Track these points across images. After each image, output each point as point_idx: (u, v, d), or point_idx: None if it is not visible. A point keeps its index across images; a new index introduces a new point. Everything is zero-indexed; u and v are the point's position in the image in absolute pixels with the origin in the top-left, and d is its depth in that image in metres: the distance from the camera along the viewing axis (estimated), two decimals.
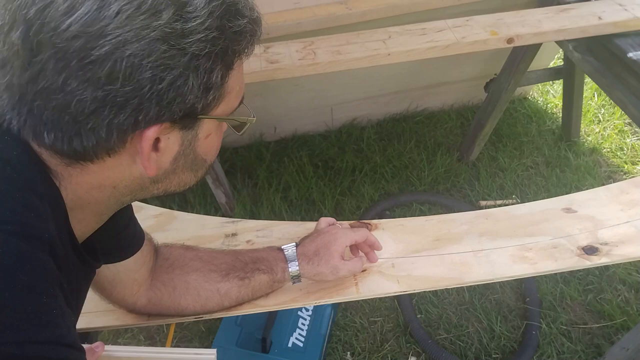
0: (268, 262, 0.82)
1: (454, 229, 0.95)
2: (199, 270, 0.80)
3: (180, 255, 0.82)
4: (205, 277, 0.80)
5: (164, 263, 0.81)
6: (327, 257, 0.80)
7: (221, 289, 0.79)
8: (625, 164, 2.27)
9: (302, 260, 0.81)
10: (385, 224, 0.97)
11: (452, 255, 0.90)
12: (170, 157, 0.52)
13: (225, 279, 0.80)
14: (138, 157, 0.49)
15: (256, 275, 0.81)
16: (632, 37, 1.60)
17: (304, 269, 0.81)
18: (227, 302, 0.81)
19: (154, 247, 0.81)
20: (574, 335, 1.63)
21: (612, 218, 0.95)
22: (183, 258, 0.82)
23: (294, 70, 1.56)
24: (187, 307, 0.80)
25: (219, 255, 0.83)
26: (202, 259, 0.82)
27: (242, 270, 0.81)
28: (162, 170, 0.52)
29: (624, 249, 0.89)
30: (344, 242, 0.82)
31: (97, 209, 0.54)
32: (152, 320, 0.86)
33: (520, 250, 0.90)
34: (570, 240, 0.91)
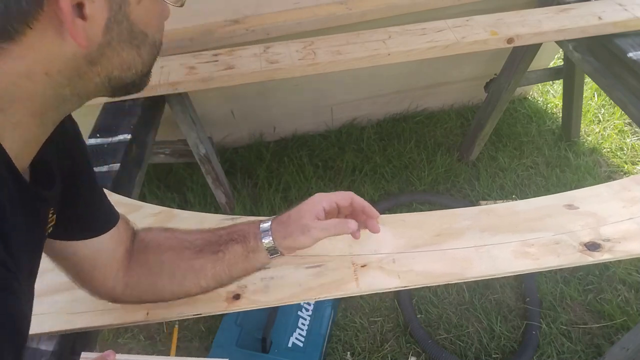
0: (242, 231, 0.77)
1: (456, 224, 0.95)
2: (173, 248, 0.77)
3: (157, 236, 0.80)
4: (179, 254, 0.76)
5: (140, 245, 0.78)
6: (297, 218, 0.75)
7: (195, 265, 0.76)
8: (625, 164, 2.27)
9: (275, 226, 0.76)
10: (386, 219, 0.97)
11: (454, 251, 0.89)
12: (101, 26, 0.46)
13: (198, 254, 0.76)
14: (64, 29, 0.44)
15: (230, 247, 0.76)
16: (632, 37, 1.60)
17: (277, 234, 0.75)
18: (204, 280, 0.76)
19: (131, 228, 0.79)
20: (574, 335, 1.63)
21: (614, 215, 0.95)
22: (158, 238, 0.79)
23: (294, 70, 1.56)
24: (164, 289, 0.77)
25: (195, 232, 0.80)
26: (177, 238, 0.79)
27: (216, 243, 0.77)
28: (95, 44, 0.47)
29: (627, 246, 0.88)
30: (318, 201, 0.77)
31: (32, 107, 0.47)
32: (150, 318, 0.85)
33: (522, 246, 0.89)
34: (573, 236, 0.91)
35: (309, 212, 0.75)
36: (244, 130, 2.41)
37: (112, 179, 1.24)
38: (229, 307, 0.86)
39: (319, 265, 0.90)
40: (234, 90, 1.76)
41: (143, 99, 1.54)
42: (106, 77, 0.50)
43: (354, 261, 0.90)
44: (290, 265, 0.91)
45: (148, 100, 1.55)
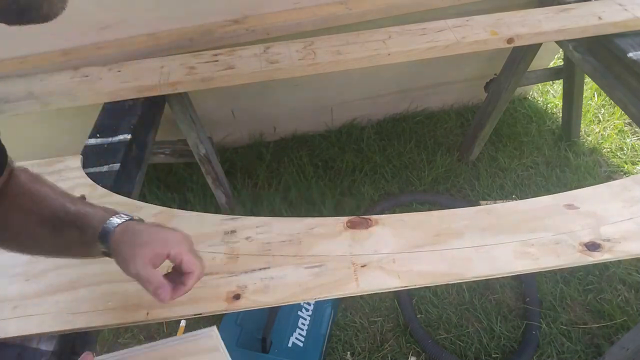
0: (86, 218, 0.74)
1: (455, 224, 0.95)
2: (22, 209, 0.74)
3: (20, 185, 0.76)
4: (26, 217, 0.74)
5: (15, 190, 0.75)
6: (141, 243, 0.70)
7: (35, 234, 0.74)
8: (625, 164, 2.26)
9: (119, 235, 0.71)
10: (386, 220, 0.97)
11: (454, 251, 0.89)
12: None
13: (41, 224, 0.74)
14: None
15: (69, 230, 0.73)
16: (632, 37, 1.60)
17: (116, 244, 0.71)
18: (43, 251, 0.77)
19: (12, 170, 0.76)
20: (574, 335, 1.63)
21: (615, 215, 0.95)
22: (19, 191, 0.76)
23: (294, 70, 1.55)
24: (9, 242, 0.76)
25: (49, 199, 0.76)
26: (32, 199, 0.75)
27: (60, 220, 0.74)
28: None
29: (627, 246, 0.88)
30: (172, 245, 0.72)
31: None
32: (150, 317, 0.85)
33: (522, 246, 0.89)
34: (573, 236, 0.91)
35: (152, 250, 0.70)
36: (244, 130, 2.41)
37: (112, 179, 1.24)
38: (229, 307, 0.86)
39: (319, 265, 0.90)
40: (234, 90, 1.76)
41: (143, 99, 1.54)
42: None
43: (353, 261, 0.90)
44: (290, 265, 0.91)
45: (148, 100, 1.55)
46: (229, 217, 1.05)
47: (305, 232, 0.98)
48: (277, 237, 0.97)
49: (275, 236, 0.98)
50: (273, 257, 0.94)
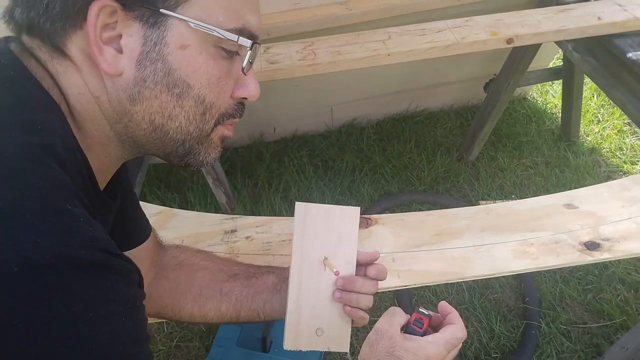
0: (280, 268, 0.78)
1: (455, 223, 0.95)
2: (207, 268, 0.78)
3: (191, 256, 0.81)
4: (213, 275, 0.78)
5: (172, 261, 0.79)
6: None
7: (224, 288, 0.76)
8: (624, 164, 2.27)
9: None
10: (386, 219, 0.97)
11: (453, 250, 0.90)
12: (134, 59, 0.47)
13: (232, 279, 0.77)
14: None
15: (263, 276, 0.77)
16: (631, 38, 1.60)
17: None
18: (225, 305, 0.76)
19: (157, 241, 0.80)
20: (574, 335, 1.63)
21: (614, 214, 0.96)
22: (194, 258, 0.80)
23: (294, 71, 1.56)
24: (184, 308, 0.77)
25: (232, 260, 0.82)
26: (214, 260, 0.80)
27: (253, 273, 0.78)
28: (129, 78, 0.48)
29: (626, 245, 0.89)
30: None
31: (98, 134, 0.51)
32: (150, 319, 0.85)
33: (522, 246, 0.90)
34: (572, 235, 0.91)
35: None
36: (244, 130, 2.42)
37: None
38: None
39: None
40: None
41: None
42: (150, 122, 0.50)
43: None
44: None
45: None
46: (229, 216, 1.06)
47: None
48: (277, 236, 0.98)
49: (275, 236, 0.98)
50: (273, 256, 0.94)
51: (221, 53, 0.50)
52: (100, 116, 0.50)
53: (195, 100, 0.50)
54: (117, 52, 0.47)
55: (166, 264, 0.79)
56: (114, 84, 0.48)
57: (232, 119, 0.55)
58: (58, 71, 0.47)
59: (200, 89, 0.50)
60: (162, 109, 0.50)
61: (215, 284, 0.77)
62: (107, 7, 0.44)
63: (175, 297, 0.77)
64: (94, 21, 0.44)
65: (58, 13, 0.45)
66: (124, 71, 0.47)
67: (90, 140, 0.50)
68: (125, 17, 0.46)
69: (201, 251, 0.82)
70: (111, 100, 0.49)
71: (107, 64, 0.46)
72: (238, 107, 0.55)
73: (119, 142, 0.53)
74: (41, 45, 0.47)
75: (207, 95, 0.51)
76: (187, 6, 0.47)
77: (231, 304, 0.76)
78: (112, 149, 0.53)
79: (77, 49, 0.47)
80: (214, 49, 0.49)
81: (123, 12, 0.45)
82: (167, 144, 0.52)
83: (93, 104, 0.49)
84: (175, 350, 1.64)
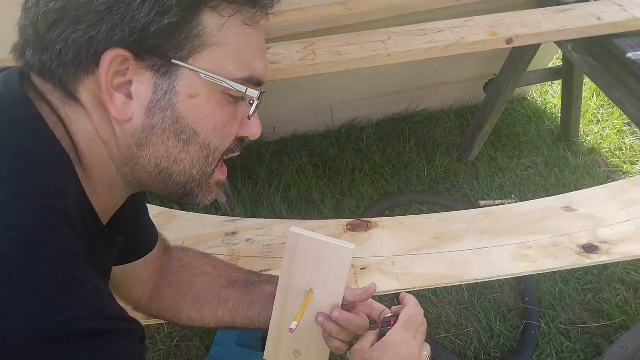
0: None
1: (454, 227, 0.96)
2: (208, 273, 0.79)
3: (195, 260, 0.81)
4: (213, 281, 0.78)
5: (176, 264, 0.80)
6: None
7: (223, 294, 0.77)
8: (624, 163, 2.27)
9: None
10: (385, 222, 0.98)
11: (453, 253, 0.90)
12: (144, 106, 0.48)
13: (231, 285, 0.78)
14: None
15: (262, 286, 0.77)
16: (631, 38, 1.60)
17: None
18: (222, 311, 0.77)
19: (164, 246, 0.80)
20: (573, 335, 1.64)
21: (612, 217, 0.96)
22: (197, 262, 0.81)
23: (294, 71, 1.56)
24: (183, 311, 0.78)
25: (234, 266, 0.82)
26: (216, 266, 0.81)
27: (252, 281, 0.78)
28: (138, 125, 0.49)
29: (624, 248, 0.89)
30: None
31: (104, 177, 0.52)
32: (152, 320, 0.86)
33: (521, 249, 0.90)
34: (570, 238, 0.91)
35: None
36: None
37: None
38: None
39: None
40: None
41: None
42: (155, 166, 0.51)
43: (353, 264, 0.90)
44: None
45: None
46: (230, 218, 1.06)
47: None
48: (277, 239, 0.98)
49: (275, 238, 0.99)
50: (274, 259, 0.94)
51: (228, 99, 0.51)
52: (109, 160, 0.51)
53: (201, 145, 0.51)
54: (127, 98, 0.48)
55: (170, 267, 0.80)
56: (123, 129, 0.49)
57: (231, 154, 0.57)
58: (70, 118, 0.48)
59: (206, 134, 0.51)
60: (168, 154, 0.51)
61: (214, 290, 0.77)
62: (119, 56, 0.45)
63: (175, 300, 0.78)
64: (106, 70, 0.45)
65: (71, 59, 0.46)
66: (133, 117, 0.48)
67: (97, 184, 0.51)
68: (137, 66, 0.46)
69: (205, 255, 0.83)
70: (119, 145, 0.50)
71: (117, 110, 0.47)
72: (238, 142, 0.56)
73: (124, 183, 0.54)
74: (54, 91, 0.48)
75: (212, 140, 0.52)
76: (199, 57, 0.48)
77: (228, 310, 0.77)
78: (118, 191, 0.54)
79: (88, 93, 0.48)
80: (221, 96, 0.51)
81: (135, 61, 0.46)
82: (170, 185, 0.54)
83: (102, 148, 0.50)
84: (176, 350, 1.65)
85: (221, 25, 0.48)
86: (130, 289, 0.77)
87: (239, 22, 0.49)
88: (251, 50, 0.51)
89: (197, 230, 1.04)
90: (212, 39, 0.48)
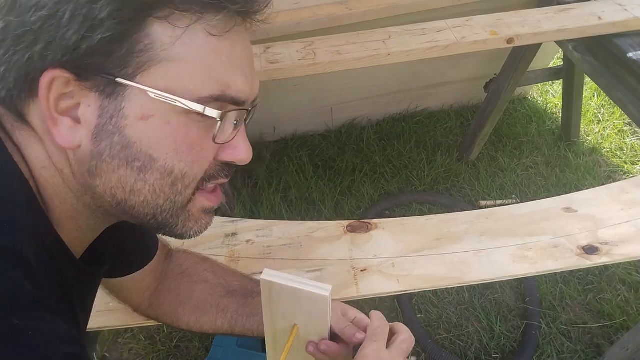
0: None
1: (455, 228, 0.95)
2: (207, 281, 0.78)
3: (195, 265, 0.80)
4: (212, 289, 0.77)
5: (176, 269, 0.79)
6: None
7: (221, 304, 0.76)
8: (625, 164, 2.27)
9: None
10: (386, 224, 0.97)
11: (453, 255, 0.90)
12: (91, 131, 0.43)
13: (229, 295, 0.77)
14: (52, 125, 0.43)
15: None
16: (631, 37, 1.60)
17: None
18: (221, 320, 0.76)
19: (166, 252, 0.80)
20: (574, 335, 1.64)
21: (613, 217, 0.96)
22: (197, 268, 0.80)
23: (294, 71, 1.56)
24: (182, 318, 0.78)
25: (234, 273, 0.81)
26: (215, 272, 0.80)
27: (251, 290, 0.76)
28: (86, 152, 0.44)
29: (625, 249, 0.89)
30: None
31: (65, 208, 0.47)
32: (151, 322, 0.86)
33: (521, 250, 0.90)
34: (571, 239, 0.91)
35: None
36: None
37: None
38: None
39: (319, 269, 0.91)
40: None
41: None
42: (112, 197, 0.46)
43: (353, 265, 0.90)
44: (290, 269, 0.92)
45: None
46: (230, 219, 1.06)
47: (306, 235, 0.98)
48: (277, 240, 0.98)
49: (275, 240, 0.98)
50: (274, 260, 0.94)
51: (195, 119, 0.44)
52: (66, 189, 0.46)
53: (162, 172, 0.45)
54: (75, 122, 0.43)
55: (169, 273, 0.79)
56: (75, 156, 0.45)
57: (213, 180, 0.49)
58: (21, 142, 0.44)
59: (166, 160, 0.44)
60: (122, 183, 0.45)
61: (213, 299, 0.76)
62: (59, 78, 0.41)
63: (174, 306, 0.78)
64: (45, 94, 0.41)
65: (12, 82, 0.42)
66: (81, 144, 0.43)
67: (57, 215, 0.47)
68: (81, 87, 0.42)
69: (205, 260, 0.82)
70: (75, 173, 0.45)
71: (62, 136, 0.43)
72: (222, 168, 0.50)
73: (89, 212, 0.49)
74: (6, 114, 0.44)
75: (177, 166, 0.45)
76: (147, 75, 0.42)
77: (226, 320, 0.76)
78: (83, 221, 0.49)
79: (37, 118, 0.44)
80: (185, 117, 0.44)
81: (77, 82, 0.42)
82: (137, 217, 0.48)
83: (57, 177, 0.46)
84: (175, 351, 1.65)
85: (175, 37, 0.42)
86: (130, 296, 0.77)
87: (201, 33, 0.43)
88: (223, 64, 0.44)
89: None
90: (162, 53, 0.42)
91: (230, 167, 0.50)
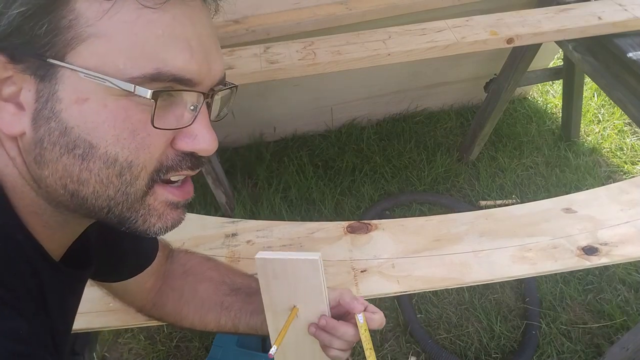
0: None
1: (454, 229, 0.95)
2: (211, 280, 0.78)
3: (199, 264, 0.80)
4: (216, 288, 0.77)
5: (179, 269, 0.79)
6: None
7: (225, 302, 0.76)
8: (625, 164, 2.27)
9: None
10: (386, 225, 0.97)
11: (453, 256, 0.90)
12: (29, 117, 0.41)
13: (233, 293, 0.77)
14: None
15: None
16: (631, 37, 1.60)
17: None
18: (225, 318, 0.76)
19: (166, 252, 0.80)
20: (574, 335, 1.64)
21: (612, 218, 0.96)
22: (200, 267, 0.80)
23: (294, 71, 1.56)
24: (186, 317, 0.78)
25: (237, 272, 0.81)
26: (219, 271, 0.80)
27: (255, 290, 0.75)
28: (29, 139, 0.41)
29: (624, 249, 0.89)
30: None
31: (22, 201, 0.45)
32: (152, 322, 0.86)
33: (521, 251, 0.90)
34: (570, 240, 0.91)
35: None
36: (244, 130, 2.42)
37: None
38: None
39: None
40: None
41: None
42: (63, 187, 0.43)
43: (353, 266, 0.90)
44: None
45: None
46: (230, 220, 1.06)
47: (306, 236, 0.98)
48: (277, 240, 0.98)
49: (276, 240, 0.98)
50: None
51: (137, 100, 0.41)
52: (22, 181, 0.44)
53: (104, 161, 0.41)
54: (19, 108, 0.41)
55: (172, 273, 0.79)
56: (22, 143, 0.42)
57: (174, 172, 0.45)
58: None
59: (107, 147, 0.41)
60: (69, 173, 0.42)
61: (217, 297, 0.76)
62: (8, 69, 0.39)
63: (178, 306, 0.78)
64: None
65: None
66: (25, 131, 0.41)
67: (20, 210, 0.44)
68: (16, 70, 0.40)
69: (208, 259, 0.82)
70: (27, 163, 0.43)
71: (4, 123, 0.41)
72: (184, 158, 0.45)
73: (53, 208, 0.46)
74: None
75: (120, 153, 0.41)
76: (75, 54, 0.39)
77: (230, 318, 0.76)
78: (49, 217, 0.46)
79: None
80: (124, 99, 0.40)
81: (11, 64, 0.39)
82: (93, 211, 0.44)
83: (11, 167, 0.43)
84: (175, 351, 1.65)
85: (102, 11, 0.38)
86: (133, 298, 0.77)
87: (132, 5, 0.39)
88: (158, 39, 0.40)
89: (197, 231, 1.04)
90: (89, 29, 0.38)
91: (194, 157, 0.46)
